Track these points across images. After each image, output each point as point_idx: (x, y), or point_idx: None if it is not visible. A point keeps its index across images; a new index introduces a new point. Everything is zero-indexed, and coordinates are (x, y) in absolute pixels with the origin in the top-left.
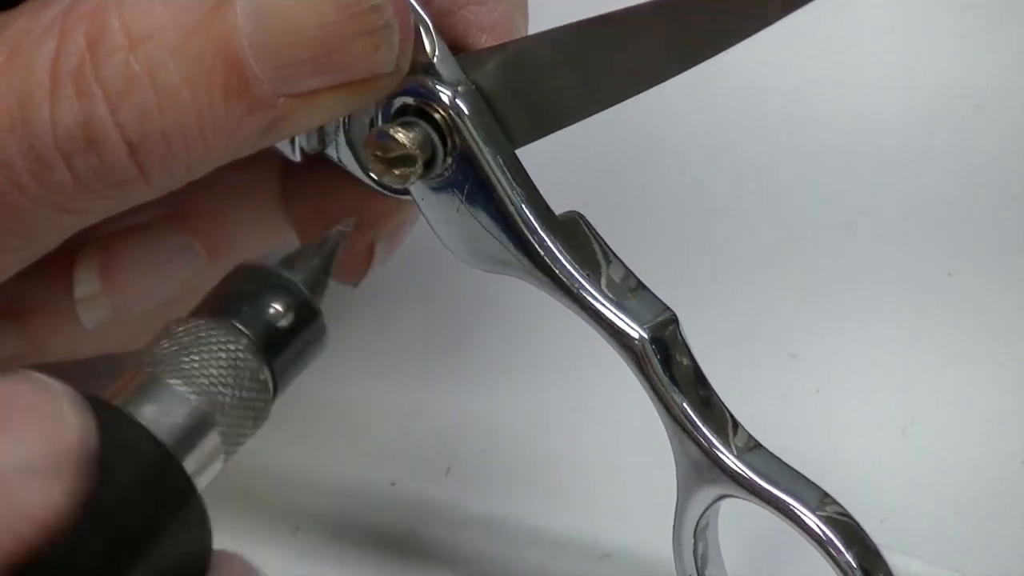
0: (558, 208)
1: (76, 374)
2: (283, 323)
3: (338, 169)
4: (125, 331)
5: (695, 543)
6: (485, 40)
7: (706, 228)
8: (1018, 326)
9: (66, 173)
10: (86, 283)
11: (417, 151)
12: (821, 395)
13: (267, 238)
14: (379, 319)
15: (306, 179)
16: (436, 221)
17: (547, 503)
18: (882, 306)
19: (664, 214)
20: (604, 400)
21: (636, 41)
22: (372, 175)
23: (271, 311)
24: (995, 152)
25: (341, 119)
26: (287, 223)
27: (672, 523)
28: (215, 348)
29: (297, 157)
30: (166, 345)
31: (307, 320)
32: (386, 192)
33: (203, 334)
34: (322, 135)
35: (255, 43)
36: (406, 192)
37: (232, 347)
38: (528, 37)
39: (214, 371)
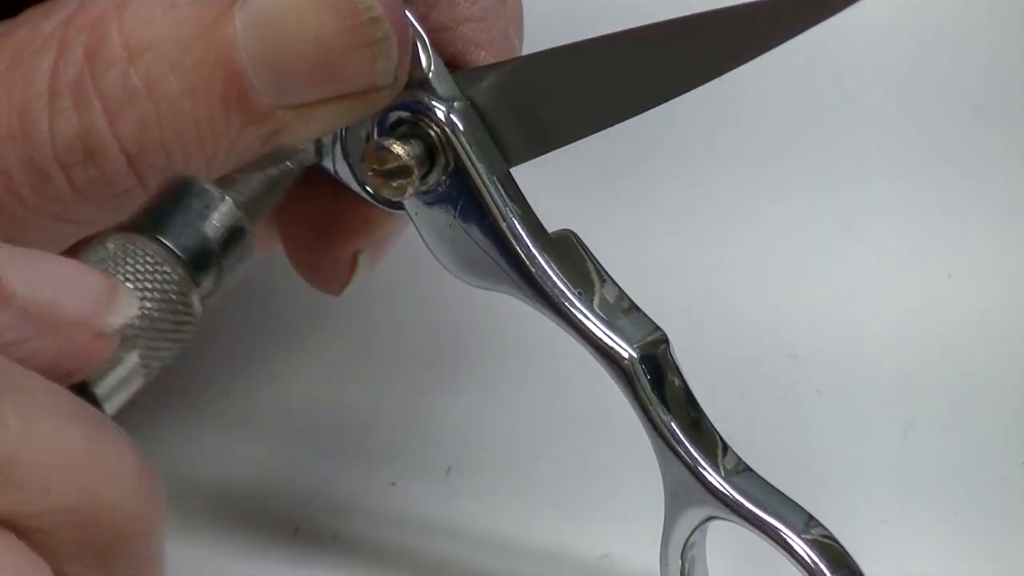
0: (554, 217)
1: None
2: (211, 241)
3: (333, 181)
4: None
5: (682, 563)
6: (483, 57)
7: (704, 229)
8: (1018, 327)
9: (65, 184)
10: None
11: (413, 163)
12: (822, 396)
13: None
14: (379, 320)
15: (301, 191)
16: (430, 236)
17: (546, 503)
18: (882, 307)
19: (662, 215)
20: (604, 401)
21: (635, 62)
22: (368, 188)
23: (203, 233)
24: (995, 153)
25: (337, 132)
26: (274, 232)
27: (659, 542)
28: (139, 264)
29: None
30: (90, 259)
31: (236, 239)
32: (381, 206)
33: (128, 249)
34: (318, 147)
35: (254, 54)
36: (400, 206)
37: (159, 268)
38: (527, 56)
39: (138, 292)
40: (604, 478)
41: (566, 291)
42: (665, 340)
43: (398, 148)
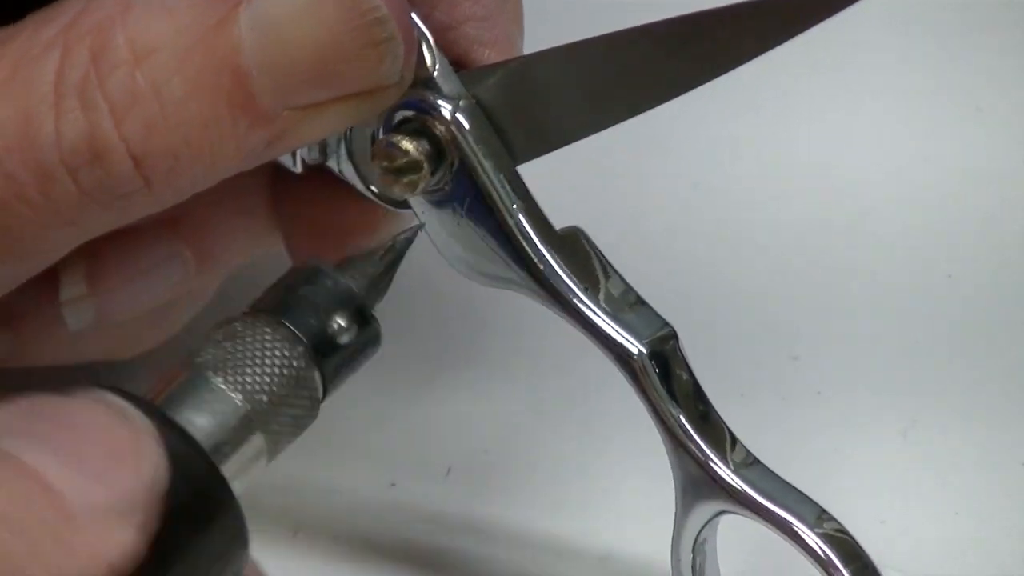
0: (558, 215)
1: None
2: (338, 331)
3: (338, 181)
4: (113, 338)
5: (693, 558)
6: (488, 56)
7: (705, 230)
8: (1018, 328)
9: (71, 186)
10: (72, 286)
11: (423, 158)
12: (822, 397)
13: (256, 245)
14: (381, 319)
15: (305, 190)
16: (436, 235)
17: (547, 504)
18: (883, 308)
19: (662, 216)
20: (604, 400)
21: (639, 60)
22: (377, 186)
23: (328, 318)
24: (995, 153)
25: (343, 132)
26: (276, 231)
27: (671, 535)
28: (267, 351)
29: (298, 168)
30: (217, 342)
31: (362, 328)
32: (387, 205)
33: (256, 335)
34: (323, 147)
35: (259, 56)
36: (406, 205)
37: (285, 352)
38: (532, 54)
39: (263, 375)
40: (605, 478)
41: (574, 287)
42: (674, 336)
43: (408, 144)
